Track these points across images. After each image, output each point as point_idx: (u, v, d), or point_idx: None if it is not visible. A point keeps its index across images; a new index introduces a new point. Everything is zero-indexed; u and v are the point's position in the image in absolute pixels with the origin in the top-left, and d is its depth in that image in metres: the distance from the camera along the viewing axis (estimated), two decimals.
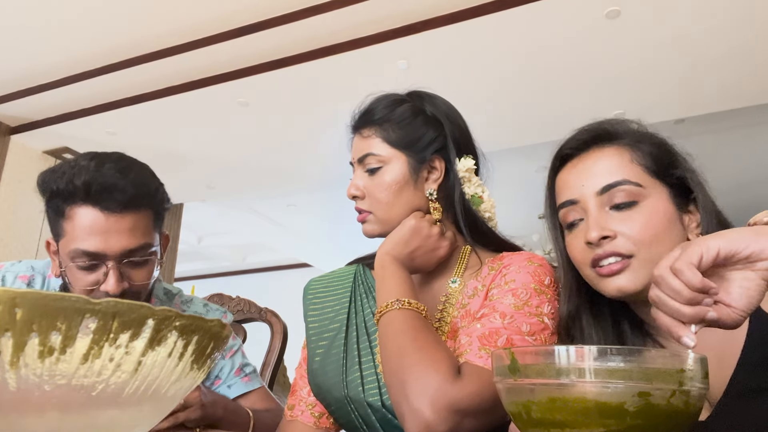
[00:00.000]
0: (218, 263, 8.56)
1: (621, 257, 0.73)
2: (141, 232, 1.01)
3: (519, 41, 3.16)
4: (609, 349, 0.44)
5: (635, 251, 0.73)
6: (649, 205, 0.75)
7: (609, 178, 0.77)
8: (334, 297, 1.03)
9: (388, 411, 0.85)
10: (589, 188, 0.78)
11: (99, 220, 0.97)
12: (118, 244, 0.98)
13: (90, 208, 0.98)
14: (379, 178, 0.93)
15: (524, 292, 0.83)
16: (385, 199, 0.92)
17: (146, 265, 1.04)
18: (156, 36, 3.22)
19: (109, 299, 0.31)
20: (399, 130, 0.94)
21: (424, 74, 3.44)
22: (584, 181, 0.79)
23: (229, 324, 1.11)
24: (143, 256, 1.02)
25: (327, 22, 3.06)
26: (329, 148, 4.27)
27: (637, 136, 0.81)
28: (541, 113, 3.92)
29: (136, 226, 1.01)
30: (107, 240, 0.98)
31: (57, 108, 3.91)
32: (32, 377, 0.29)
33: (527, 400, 0.47)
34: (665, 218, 0.75)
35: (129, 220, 1.00)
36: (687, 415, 0.45)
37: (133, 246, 1.00)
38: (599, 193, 0.77)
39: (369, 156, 0.94)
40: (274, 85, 3.54)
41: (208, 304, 1.22)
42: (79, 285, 1.01)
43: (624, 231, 0.74)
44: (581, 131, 0.84)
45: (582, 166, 0.81)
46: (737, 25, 3.00)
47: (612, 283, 0.74)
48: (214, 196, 5.47)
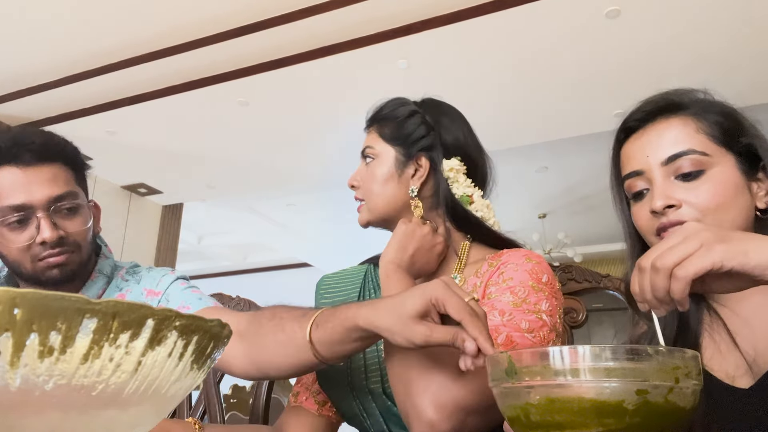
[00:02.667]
0: (218, 263, 8.56)
1: None
2: (62, 181, 1.03)
3: (519, 41, 3.16)
4: (605, 348, 0.44)
5: (701, 219, 0.74)
6: (715, 174, 0.76)
7: (674, 148, 0.77)
8: (344, 293, 1.05)
9: (389, 398, 0.87)
10: (655, 159, 0.78)
11: (17, 175, 1.00)
12: (41, 192, 1.00)
13: (7, 166, 1.00)
14: (371, 170, 1.00)
15: (522, 289, 0.84)
16: (373, 189, 0.99)
17: (77, 214, 1.05)
18: (156, 36, 3.22)
19: (109, 300, 0.31)
20: (393, 127, 1.00)
21: (424, 74, 3.45)
22: (649, 152, 0.79)
23: (214, 304, 1.08)
24: (71, 203, 1.03)
25: (327, 22, 3.06)
26: (329, 148, 4.27)
27: (703, 105, 0.82)
28: (540, 113, 3.92)
29: (56, 176, 1.03)
30: (30, 190, 0.99)
31: (57, 108, 3.92)
32: (32, 377, 0.29)
33: (525, 403, 0.47)
34: (732, 187, 0.76)
35: (47, 172, 1.02)
36: (685, 412, 0.45)
37: (57, 193, 1.02)
38: (664, 164, 0.78)
39: (367, 149, 1.01)
40: (274, 85, 3.54)
41: (152, 268, 1.20)
42: (14, 246, 1.00)
43: (690, 200, 0.75)
44: (646, 102, 0.85)
45: (647, 137, 0.81)
46: (737, 25, 3.00)
47: None
48: (214, 196, 5.47)
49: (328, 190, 5.39)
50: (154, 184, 5.02)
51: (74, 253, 1.04)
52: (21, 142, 1.01)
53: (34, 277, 1.03)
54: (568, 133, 4.22)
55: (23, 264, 1.02)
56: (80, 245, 1.05)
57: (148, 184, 5.00)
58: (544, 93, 3.67)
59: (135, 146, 4.36)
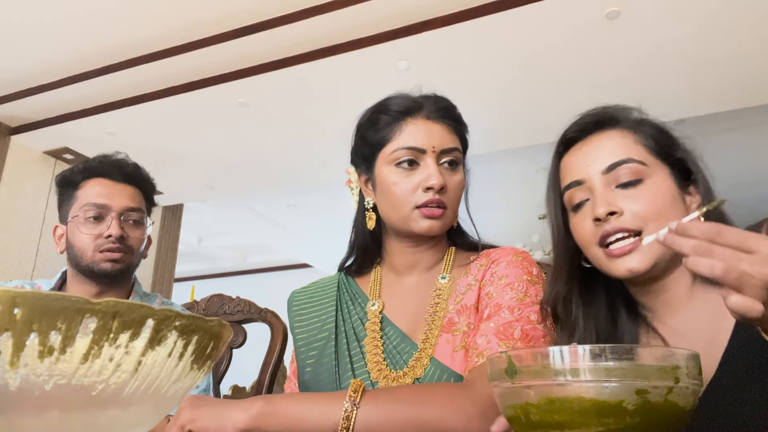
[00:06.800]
0: (218, 263, 8.56)
1: (628, 233, 0.75)
2: (137, 200, 1.34)
3: (519, 42, 3.16)
4: (605, 348, 0.44)
5: (642, 227, 0.74)
6: (653, 183, 0.77)
7: (614, 157, 0.79)
8: (320, 307, 1.03)
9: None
10: (595, 168, 0.79)
11: (108, 185, 1.31)
12: (120, 201, 1.30)
13: (101, 179, 1.31)
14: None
15: (520, 284, 0.86)
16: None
17: (140, 227, 1.33)
18: (156, 36, 3.22)
19: (108, 300, 0.31)
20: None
21: (424, 75, 3.44)
22: (589, 162, 0.80)
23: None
24: (138, 216, 1.32)
25: (327, 23, 3.06)
26: (329, 149, 4.27)
27: (638, 120, 0.84)
28: (540, 114, 3.92)
29: (134, 195, 1.34)
30: (112, 198, 1.30)
31: (57, 108, 3.91)
32: (32, 377, 0.29)
33: (525, 403, 0.47)
34: (669, 196, 0.77)
35: (129, 190, 1.33)
36: (684, 412, 0.45)
37: (131, 206, 1.31)
38: (605, 172, 0.79)
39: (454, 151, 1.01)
40: (274, 85, 3.54)
41: (165, 301, 1.41)
42: (85, 235, 1.27)
43: (631, 207, 0.75)
44: (585, 116, 0.86)
45: (587, 148, 0.82)
46: (737, 26, 3.00)
47: (623, 263, 0.75)
48: (214, 196, 5.47)
49: (328, 191, 5.39)
50: None
51: (127, 255, 1.29)
52: (118, 164, 1.34)
53: (90, 266, 1.27)
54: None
55: (86, 252, 1.27)
56: (134, 251, 1.32)
57: None
58: (543, 94, 3.67)
59: (135, 147, 4.35)
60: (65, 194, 1.34)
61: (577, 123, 0.86)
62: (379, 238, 1.02)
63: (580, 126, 0.85)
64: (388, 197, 0.94)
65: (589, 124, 0.84)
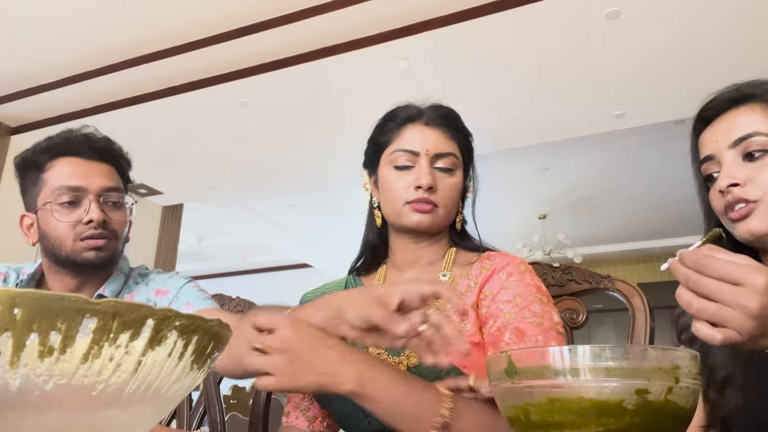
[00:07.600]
0: (218, 263, 8.57)
1: (747, 203, 0.81)
2: (114, 179, 1.17)
3: (519, 42, 3.16)
4: (605, 348, 0.44)
5: (761, 196, 0.80)
6: None
7: (740, 131, 0.84)
8: None
9: None
10: (723, 143, 0.86)
11: (79, 164, 1.14)
12: (96, 181, 1.13)
13: (70, 157, 1.14)
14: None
15: (537, 306, 0.89)
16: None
17: (121, 209, 1.17)
18: (156, 36, 3.22)
19: (109, 300, 0.31)
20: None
21: (424, 75, 3.44)
22: (718, 138, 0.87)
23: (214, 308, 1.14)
24: (117, 197, 1.16)
25: (327, 23, 3.06)
26: (329, 149, 4.27)
27: None
28: (541, 114, 3.92)
29: (110, 173, 1.17)
30: (87, 178, 1.12)
31: (57, 108, 3.92)
32: (32, 377, 0.29)
33: (525, 403, 0.47)
34: None
35: (103, 168, 1.16)
36: (684, 411, 0.45)
37: (109, 185, 1.15)
38: (731, 146, 0.84)
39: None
40: (274, 85, 3.54)
41: (161, 272, 1.28)
42: (62, 222, 1.11)
43: (754, 178, 0.81)
44: (720, 93, 0.92)
45: (718, 125, 0.89)
46: (737, 26, 3.00)
47: (743, 226, 0.82)
48: (214, 196, 5.47)
49: (328, 191, 5.39)
50: (154, 185, 5.02)
51: (111, 240, 1.13)
52: (86, 139, 1.17)
53: (71, 256, 1.11)
54: (568, 133, 4.23)
55: (65, 242, 1.10)
56: (118, 235, 1.16)
57: (148, 185, 5.00)
58: (544, 94, 3.67)
59: (135, 146, 4.33)
60: (29, 178, 1.16)
61: (713, 101, 0.91)
62: (386, 236, 1.07)
63: (716, 103, 0.90)
64: (386, 194, 1.01)
65: (724, 102, 0.89)
